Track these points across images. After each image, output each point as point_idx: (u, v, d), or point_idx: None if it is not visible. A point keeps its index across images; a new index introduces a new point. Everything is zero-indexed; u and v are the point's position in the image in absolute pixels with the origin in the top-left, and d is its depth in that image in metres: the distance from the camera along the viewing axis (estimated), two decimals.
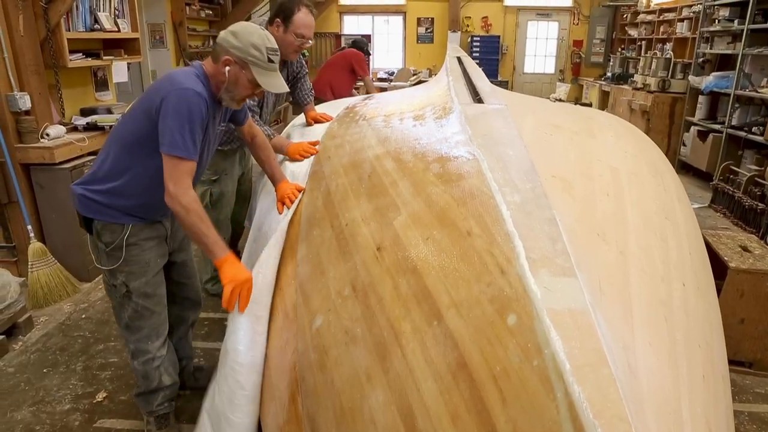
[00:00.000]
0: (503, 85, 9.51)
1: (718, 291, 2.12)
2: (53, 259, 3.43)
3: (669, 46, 8.22)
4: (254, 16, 8.74)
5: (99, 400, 2.49)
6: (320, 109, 3.21)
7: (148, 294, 2.03)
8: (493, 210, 1.34)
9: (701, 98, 6.63)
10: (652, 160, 2.43)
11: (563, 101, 9.42)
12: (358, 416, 1.18)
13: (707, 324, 1.46)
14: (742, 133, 5.65)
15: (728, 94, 5.99)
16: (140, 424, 2.29)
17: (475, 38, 11.25)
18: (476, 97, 2.54)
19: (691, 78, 6.83)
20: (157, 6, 6.48)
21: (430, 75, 10.39)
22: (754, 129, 5.49)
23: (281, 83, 1.92)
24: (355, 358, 1.27)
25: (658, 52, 8.42)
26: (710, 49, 6.67)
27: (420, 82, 9.36)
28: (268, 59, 1.84)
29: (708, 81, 6.34)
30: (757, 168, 5.21)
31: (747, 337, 2.77)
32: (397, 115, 2.55)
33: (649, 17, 9.23)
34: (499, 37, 11.35)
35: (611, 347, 0.95)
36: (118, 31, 4.16)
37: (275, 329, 1.66)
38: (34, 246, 3.36)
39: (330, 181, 2.08)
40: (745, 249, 2.92)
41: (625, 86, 8.46)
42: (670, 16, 8.43)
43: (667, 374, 1.07)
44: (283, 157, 2.58)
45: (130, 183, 1.90)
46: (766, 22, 5.50)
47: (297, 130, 3.06)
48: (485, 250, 1.23)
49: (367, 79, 5.65)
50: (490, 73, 8.18)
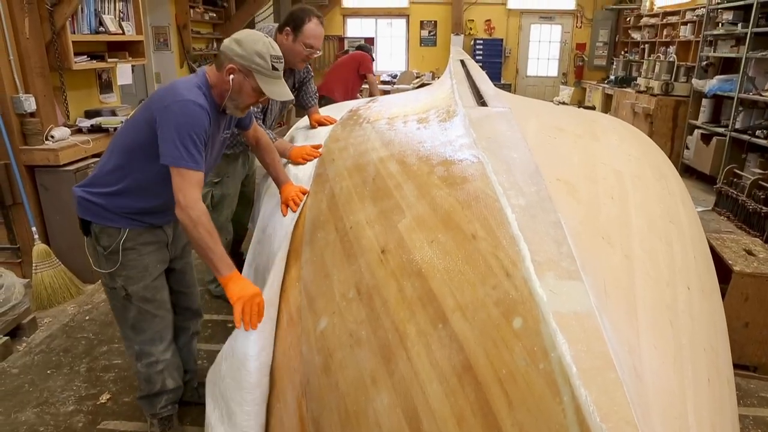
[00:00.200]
0: (506, 88, 9.50)
1: (722, 295, 2.12)
2: (57, 260, 3.44)
3: (672, 49, 8.21)
4: (257, 19, 8.76)
5: (103, 401, 2.50)
6: (324, 111, 3.22)
7: (148, 299, 2.01)
8: (498, 213, 1.34)
9: (705, 101, 6.62)
10: (656, 164, 2.43)
11: (567, 104, 9.42)
12: (363, 419, 1.18)
13: (712, 328, 1.46)
14: (745, 137, 5.64)
15: (732, 98, 5.98)
16: (144, 426, 2.29)
17: (478, 41, 11.27)
18: (480, 100, 2.55)
19: (694, 81, 6.82)
20: (162, 9, 6.50)
21: (433, 78, 10.40)
22: (757, 132, 5.48)
23: (285, 91, 1.91)
24: (360, 360, 1.27)
25: (661, 55, 8.42)
26: (714, 52, 6.66)
27: (423, 85, 9.38)
28: (272, 67, 1.83)
29: (711, 84, 6.33)
30: (760, 171, 5.20)
31: (751, 341, 2.76)
32: (401, 117, 2.55)
33: (653, 20, 9.23)
34: (502, 40, 11.36)
35: (617, 351, 0.95)
36: (123, 33, 4.18)
37: (280, 331, 1.66)
38: (38, 247, 3.37)
39: (334, 184, 2.09)
40: (749, 252, 2.92)
41: (628, 89, 8.46)
42: (673, 19, 8.43)
43: (672, 378, 1.07)
44: (286, 161, 2.58)
45: (129, 188, 1.90)
46: None
47: (300, 132, 3.06)
48: (490, 253, 1.23)
49: (371, 77, 5.85)
50: (493, 76, 8.20)
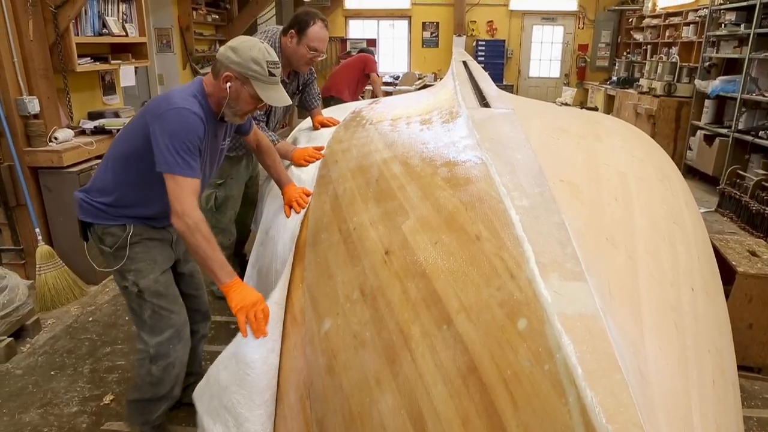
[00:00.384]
0: (508, 89, 9.49)
1: (726, 296, 2.11)
2: (61, 261, 3.45)
3: (675, 50, 8.20)
4: (260, 21, 8.78)
5: (106, 402, 2.50)
6: (326, 113, 3.22)
7: (161, 293, 2.00)
8: (502, 214, 1.34)
9: (707, 102, 6.61)
10: (660, 165, 2.42)
11: (569, 105, 9.41)
12: (367, 420, 1.18)
13: (716, 329, 1.45)
14: (748, 138, 5.63)
15: (735, 98, 5.98)
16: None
17: (480, 42, 11.27)
18: (483, 102, 2.54)
19: (697, 82, 6.82)
20: (164, 11, 6.52)
21: (435, 79, 10.41)
22: (761, 133, 5.48)
23: (284, 97, 1.90)
24: (364, 361, 1.27)
25: (663, 56, 8.41)
26: (716, 53, 6.66)
27: (425, 86, 9.38)
28: (269, 73, 1.82)
29: (714, 85, 6.33)
30: (764, 172, 5.20)
31: (755, 343, 2.75)
32: (404, 119, 2.56)
33: (655, 21, 9.23)
34: (504, 41, 11.36)
35: (622, 352, 0.95)
36: (126, 35, 4.20)
37: (283, 333, 1.66)
38: (42, 249, 3.38)
39: (337, 186, 2.09)
40: (753, 254, 2.91)
41: (631, 90, 8.45)
42: (675, 20, 8.42)
43: (677, 379, 1.06)
44: (288, 163, 2.59)
45: (128, 196, 1.91)
46: None
47: (303, 134, 3.07)
48: (494, 255, 1.23)
49: (374, 75, 6.05)
50: (495, 77, 8.19)
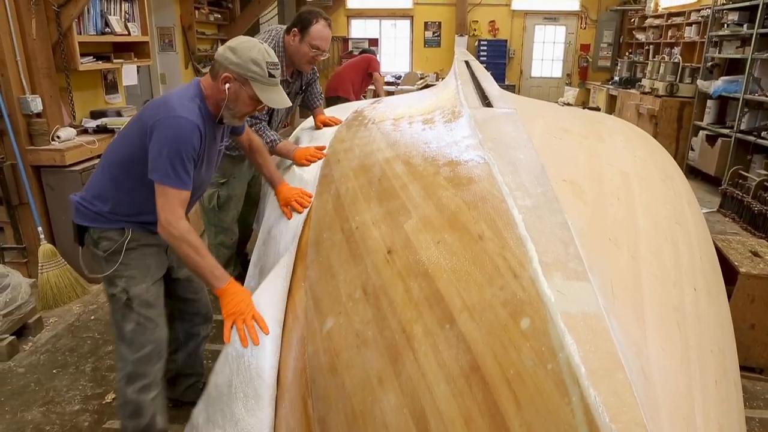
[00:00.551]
0: (510, 89, 9.49)
1: (728, 296, 2.11)
2: (63, 260, 3.46)
3: (677, 50, 8.20)
4: (262, 20, 8.78)
5: (108, 401, 2.50)
6: (328, 112, 3.22)
7: (150, 303, 1.94)
8: (505, 214, 1.34)
9: (710, 102, 6.60)
10: (662, 165, 2.42)
11: (571, 105, 9.41)
12: (369, 419, 1.18)
13: (719, 329, 1.45)
14: (751, 138, 5.62)
15: (737, 99, 5.97)
16: None
17: (482, 42, 11.25)
18: (485, 101, 2.55)
19: (699, 82, 6.81)
20: (167, 10, 6.52)
21: (437, 79, 10.40)
22: (763, 133, 5.47)
23: (283, 98, 1.88)
24: (367, 361, 1.27)
25: (666, 56, 8.39)
26: (719, 53, 6.65)
27: (427, 86, 9.38)
28: (269, 74, 1.79)
29: (717, 85, 6.32)
30: (766, 173, 5.19)
31: (757, 343, 2.75)
32: (406, 118, 2.56)
33: (657, 21, 9.21)
34: (506, 41, 11.35)
35: (625, 351, 0.95)
36: (129, 34, 4.20)
37: (285, 331, 1.66)
38: (44, 247, 3.39)
39: (340, 185, 2.09)
40: (755, 254, 2.91)
41: (633, 90, 8.45)
42: (678, 20, 8.41)
43: (680, 379, 1.06)
44: (290, 162, 2.59)
45: (124, 202, 1.88)
46: None
47: (306, 133, 3.07)
48: (497, 254, 1.23)
49: (377, 75, 6.14)
50: (497, 77, 8.17)
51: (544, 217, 1.32)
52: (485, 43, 11.26)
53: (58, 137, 3.49)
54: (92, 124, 3.86)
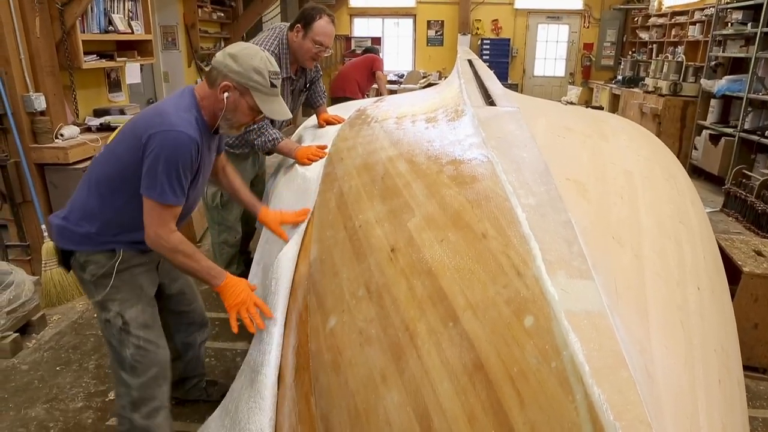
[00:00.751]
0: (513, 88, 9.47)
1: (731, 296, 2.10)
2: None
3: (681, 49, 8.17)
4: (265, 18, 8.78)
5: (111, 398, 2.50)
6: (331, 111, 3.23)
7: (148, 324, 1.85)
8: (509, 212, 1.34)
9: (713, 102, 6.59)
10: (666, 164, 2.42)
11: (574, 104, 9.39)
12: (372, 417, 1.18)
13: (722, 329, 1.45)
14: (754, 137, 5.61)
15: (741, 98, 5.95)
16: None
17: (485, 41, 11.25)
18: (488, 100, 2.55)
19: (703, 81, 6.79)
20: (170, 8, 6.52)
21: (440, 78, 10.39)
22: (767, 133, 5.45)
23: (284, 109, 1.83)
24: (370, 358, 1.28)
25: (669, 55, 8.37)
26: (723, 52, 6.63)
27: (430, 84, 9.38)
28: (271, 84, 1.72)
29: (720, 84, 6.30)
30: None
31: (761, 343, 2.74)
32: (409, 117, 2.56)
33: (661, 20, 9.19)
34: (509, 40, 11.34)
35: (629, 350, 0.95)
36: (132, 33, 4.20)
37: (288, 329, 1.67)
38: (48, 245, 3.39)
39: (343, 183, 2.09)
40: (758, 253, 2.90)
41: (636, 89, 8.42)
42: (681, 19, 8.39)
43: (683, 378, 1.06)
44: (293, 161, 2.59)
45: (116, 220, 1.77)
46: None
47: (308, 132, 3.07)
48: (501, 252, 1.23)
49: (380, 73, 6.17)
50: (500, 76, 8.16)
51: (547, 215, 1.32)
52: (488, 41, 11.25)
53: (62, 135, 3.49)
54: (95, 122, 3.87)
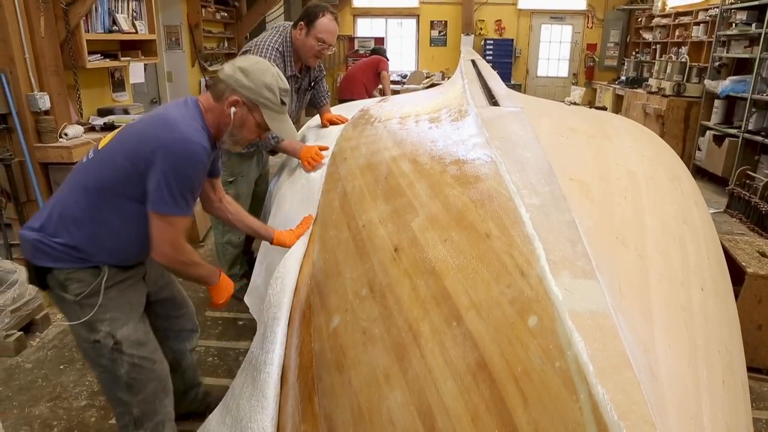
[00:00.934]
0: (516, 88, 9.48)
1: (735, 297, 2.10)
2: None
3: (684, 49, 8.15)
4: (268, 18, 8.80)
5: None
6: (334, 110, 3.23)
7: (141, 341, 1.73)
8: (512, 212, 1.34)
9: (717, 102, 6.57)
10: (669, 165, 2.41)
11: (578, 105, 9.38)
12: (376, 416, 1.18)
13: (726, 329, 1.45)
14: (758, 138, 5.60)
15: (745, 99, 5.94)
16: None
17: (488, 41, 11.24)
18: (492, 100, 2.54)
19: (707, 82, 6.77)
20: (174, 8, 6.54)
21: (443, 78, 10.39)
22: None
23: (291, 129, 1.79)
24: (373, 358, 1.28)
25: (673, 55, 8.36)
26: (727, 53, 6.61)
27: (433, 85, 9.38)
28: (281, 101, 1.68)
29: (724, 85, 6.29)
30: None
31: (765, 344, 2.73)
32: (413, 117, 2.56)
33: (665, 21, 9.17)
34: (512, 40, 11.33)
35: (633, 350, 0.95)
36: (136, 32, 4.22)
37: (292, 329, 1.67)
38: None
39: (346, 183, 2.09)
40: (763, 254, 2.90)
41: (640, 90, 8.42)
42: (685, 19, 8.37)
43: (687, 379, 1.06)
44: (297, 162, 2.60)
45: (102, 235, 1.64)
46: None
47: (312, 131, 3.08)
48: (505, 252, 1.23)
49: (384, 73, 6.23)
50: (503, 76, 8.17)
51: (551, 215, 1.31)
52: (491, 42, 11.25)
53: (66, 134, 3.50)
54: (99, 121, 3.88)
